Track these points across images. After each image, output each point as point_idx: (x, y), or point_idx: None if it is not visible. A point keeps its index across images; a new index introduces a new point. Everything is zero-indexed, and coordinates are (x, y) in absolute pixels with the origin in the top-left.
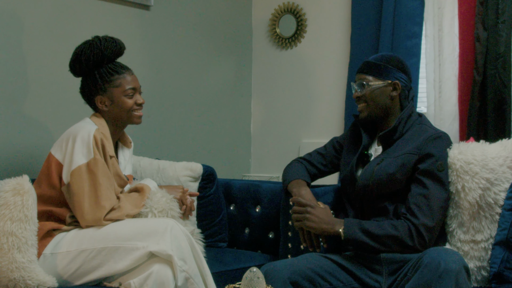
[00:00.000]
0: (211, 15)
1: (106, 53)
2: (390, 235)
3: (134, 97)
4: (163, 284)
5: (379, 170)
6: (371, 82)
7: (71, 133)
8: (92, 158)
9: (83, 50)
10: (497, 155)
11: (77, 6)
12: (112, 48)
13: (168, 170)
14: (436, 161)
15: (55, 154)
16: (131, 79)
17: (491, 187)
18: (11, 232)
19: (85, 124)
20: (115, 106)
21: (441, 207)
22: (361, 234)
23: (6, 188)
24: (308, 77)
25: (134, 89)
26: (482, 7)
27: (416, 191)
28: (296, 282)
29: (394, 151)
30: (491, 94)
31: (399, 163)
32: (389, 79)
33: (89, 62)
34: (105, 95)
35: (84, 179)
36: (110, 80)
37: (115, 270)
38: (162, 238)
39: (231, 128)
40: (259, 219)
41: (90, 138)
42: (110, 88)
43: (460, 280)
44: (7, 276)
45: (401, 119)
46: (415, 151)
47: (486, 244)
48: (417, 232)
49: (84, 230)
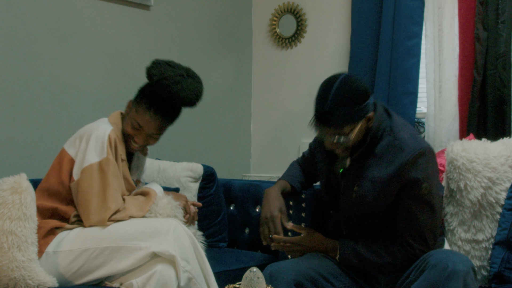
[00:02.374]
0: (211, 15)
1: (177, 100)
2: (387, 264)
3: (136, 131)
4: (166, 284)
5: (358, 199)
6: (347, 134)
7: (87, 131)
8: (104, 158)
9: (180, 84)
10: (499, 154)
11: (77, 6)
12: (195, 100)
13: (168, 171)
14: (421, 185)
15: (68, 150)
16: (149, 121)
17: (492, 186)
18: (10, 231)
19: (102, 123)
20: (126, 118)
21: (432, 229)
22: (357, 261)
23: (4, 187)
24: (308, 77)
25: (141, 128)
26: (482, 7)
27: (405, 217)
28: (300, 283)
29: (368, 171)
30: (491, 94)
31: (378, 190)
32: (360, 118)
33: (177, 101)
34: (133, 106)
35: (95, 178)
36: (140, 104)
37: (118, 269)
38: (165, 238)
39: (231, 128)
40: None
41: (105, 138)
42: (137, 107)
43: (468, 281)
44: (8, 275)
45: (373, 136)
46: (396, 179)
47: (487, 243)
48: (416, 257)
49: (87, 229)
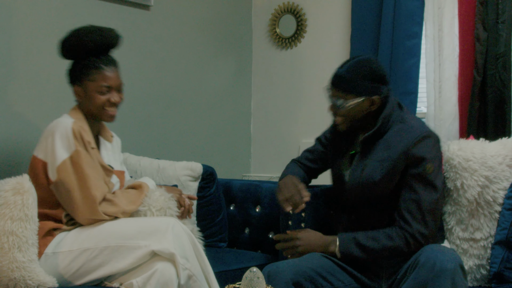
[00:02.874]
0: (211, 15)
1: (98, 42)
2: (387, 248)
3: (108, 94)
4: (167, 282)
5: (366, 178)
6: (346, 101)
7: (50, 130)
8: (74, 151)
9: (80, 35)
10: (496, 153)
11: (77, 6)
12: (114, 37)
13: (168, 170)
14: (425, 164)
15: (38, 155)
16: (110, 76)
17: (490, 185)
18: (11, 231)
19: (62, 119)
20: (87, 99)
21: (433, 210)
22: (357, 250)
23: (6, 188)
24: (308, 77)
25: (109, 87)
26: (482, 7)
27: (407, 197)
28: (299, 283)
29: (377, 153)
30: (491, 94)
31: (385, 169)
32: (366, 95)
33: (91, 45)
34: (81, 86)
35: (71, 173)
36: (88, 73)
37: (118, 269)
38: (164, 236)
39: (231, 128)
40: (259, 219)
41: (68, 131)
42: (86, 80)
43: (456, 278)
44: (8, 276)
45: (383, 121)
46: (403, 156)
47: (485, 242)
48: (413, 239)
49: (85, 229)
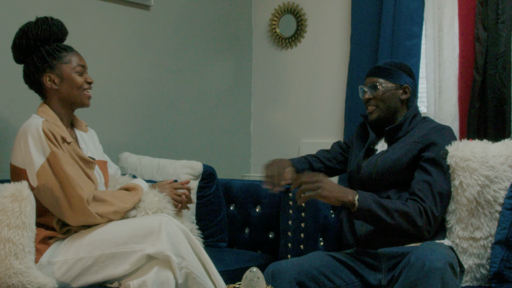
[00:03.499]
0: (211, 15)
1: (54, 29)
2: (402, 211)
3: (83, 75)
4: (163, 283)
5: (383, 158)
6: (383, 84)
7: (21, 135)
8: (50, 153)
9: (30, 26)
10: (498, 154)
11: (77, 6)
12: (59, 26)
13: (168, 168)
14: (440, 149)
15: (15, 162)
16: (79, 58)
17: (490, 184)
18: (8, 238)
19: (31, 120)
20: (65, 83)
21: (444, 195)
22: (374, 204)
23: (4, 194)
24: (308, 77)
25: (83, 67)
26: (482, 7)
27: (420, 178)
28: (302, 282)
29: (398, 145)
30: (491, 94)
31: (403, 151)
32: (400, 82)
33: (37, 38)
34: (53, 72)
35: (52, 176)
36: (59, 57)
37: (115, 275)
38: (158, 238)
39: (231, 128)
40: (259, 219)
41: (40, 133)
42: (59, 64)
43: (445, 277)
44: (5, 282)
45: (407, 117)
46: (420, 140)
47: (485, 242)
48: (425, 213)
49: (79, 237)
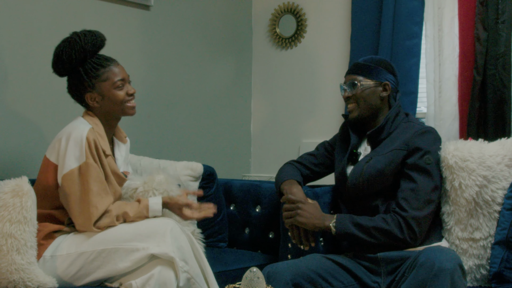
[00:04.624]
0: (211, 15)
1: (87, 48)
2: (380, 228)
3: (124, 88)
4: (165, 285)
5: (369, 167)
6: (362, 81)
7: (64, 134)
8: (84, 162)
9: (64, 49)
10: (495, 153)
11: (77, 6)
12: (93, 41)
13: (168, 170)
14: (423, 155)
15: (50, 157)
16: (118, 70)
17: (488, 184)
18: (10, 234)
19: (79, 124)
20: (106, 100)
21: (429, 199)
22: (351, 226)
23: (5, 190)
24: (308, 77)
25: (123, 80)
26: (482, 7)
27: (405, 186)
28: (298, 284)
29: (382, 149)
30: (491, 94)
31: (388, 159)
32: (380, 79)
33: (72, 60)
34: (94, 91)
35: (75, 184)
36: (97, 75)
37: (116, 271)
38: (163, 239)
39: (231, 128)
40: (259, 219)
41: (83, 140)
42: (98, 83)
43: (455, 278)
44: (7, 278)
45: (388, 118)
46: (403, 147)
47: (485, 242)
48: (406, 225)
49: (84, 233)
